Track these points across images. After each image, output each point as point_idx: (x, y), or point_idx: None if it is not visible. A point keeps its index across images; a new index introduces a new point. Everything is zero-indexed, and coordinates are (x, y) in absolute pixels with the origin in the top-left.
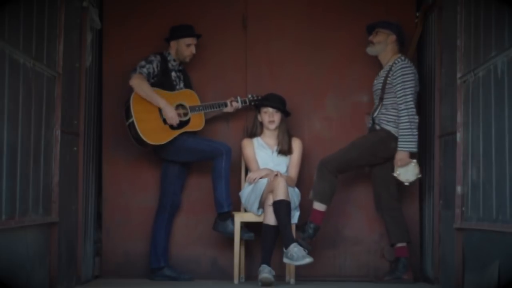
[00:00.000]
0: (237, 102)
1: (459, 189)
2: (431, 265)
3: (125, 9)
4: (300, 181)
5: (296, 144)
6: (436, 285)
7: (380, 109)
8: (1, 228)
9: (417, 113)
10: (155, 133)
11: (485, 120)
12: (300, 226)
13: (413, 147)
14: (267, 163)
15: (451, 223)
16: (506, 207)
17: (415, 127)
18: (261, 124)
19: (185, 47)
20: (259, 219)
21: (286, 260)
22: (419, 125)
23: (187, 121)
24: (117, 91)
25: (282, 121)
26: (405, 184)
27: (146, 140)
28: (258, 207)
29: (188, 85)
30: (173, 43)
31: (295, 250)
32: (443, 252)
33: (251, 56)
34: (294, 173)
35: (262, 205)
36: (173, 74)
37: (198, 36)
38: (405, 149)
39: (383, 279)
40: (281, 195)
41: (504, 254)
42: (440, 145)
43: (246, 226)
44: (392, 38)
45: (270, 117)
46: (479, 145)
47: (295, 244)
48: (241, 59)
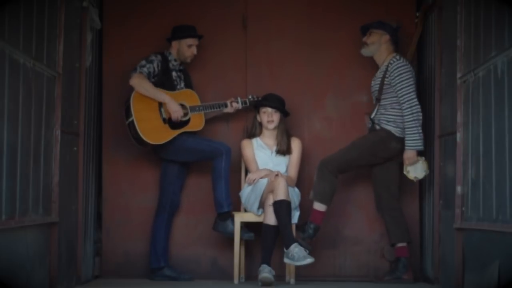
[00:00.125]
0: (237, 102)
1: (459, 189)
2: (431, 265)
3: (125, 9)
4: (300, 181)
5: (296, 144)
6: (436, 285)
7: (378, 109)
8: (1, 228)
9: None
10: (155, 132)
11: (485, 120)
12: (300, 226)
13: (419, 144)
14: (266, 163)
15: (451, 223)
16: (506, 207)
17: (420, 124)
18: (260, 124)
19: (186, 48)
20: (259, 219)
21: (287, 261)
22: None
23: (187, 121)
24: (117, 91)
25: (281, 121)
26: (413, 181)
27: (145, 139)
28: (258, 207)
29: (189, 85)
30: (174, 43)
31: (296, 250)
32: (443, 252)
33: (251, 56)
34: (294, 173)
35: (262, 205)
36: (173, 74)
37: (200, 37)
38: (412, 148)
39: (383, 279)
40: (281, 195)
41: (504, 254)
42: (440, 145)
43: (246, 226)
44: (386, 38)
45: (269, 117)
46: (479, 145)
47: (296, 244)
48: (241, 59)
